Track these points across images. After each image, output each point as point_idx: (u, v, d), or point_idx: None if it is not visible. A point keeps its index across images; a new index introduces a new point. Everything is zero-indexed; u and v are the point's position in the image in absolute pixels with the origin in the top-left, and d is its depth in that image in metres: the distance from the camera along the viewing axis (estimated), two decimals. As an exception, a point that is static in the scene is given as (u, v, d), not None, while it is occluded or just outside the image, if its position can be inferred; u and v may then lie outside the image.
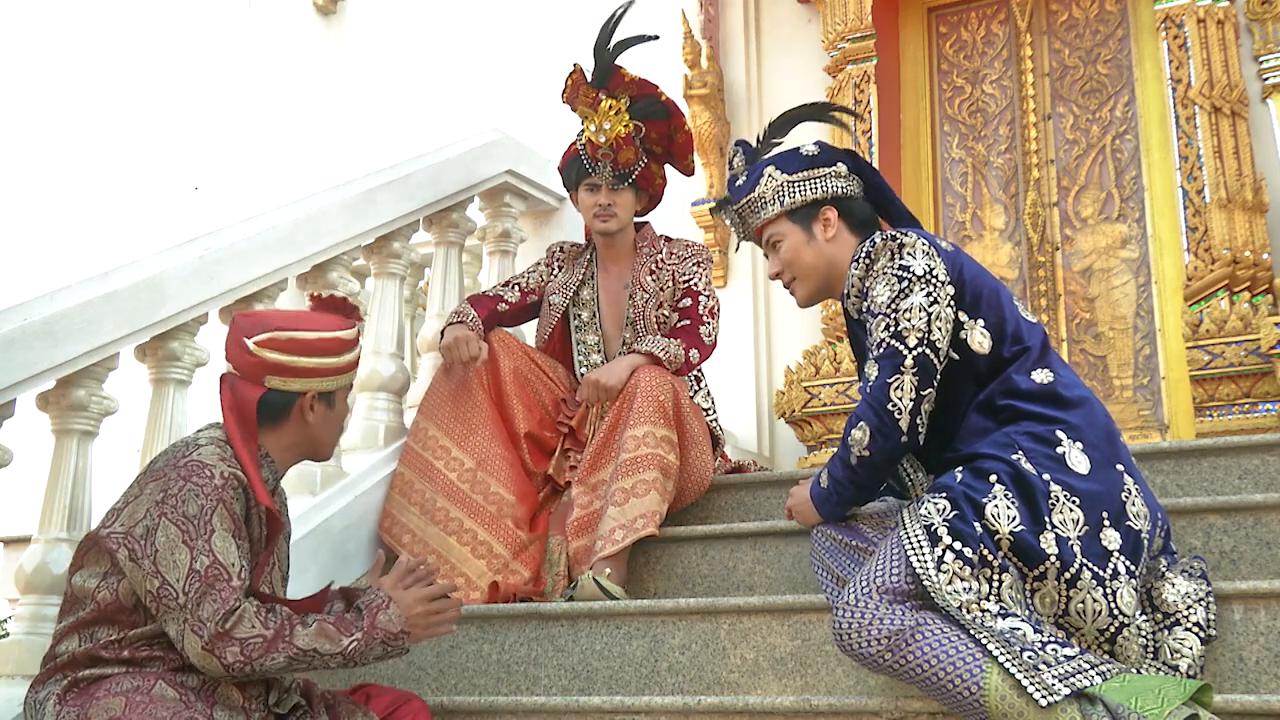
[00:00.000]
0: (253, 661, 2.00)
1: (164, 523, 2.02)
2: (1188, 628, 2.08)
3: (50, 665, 2.06)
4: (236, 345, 2.22)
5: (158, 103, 6.62)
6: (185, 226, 4.29)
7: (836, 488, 2.35)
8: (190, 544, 2.01)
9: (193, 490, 2.04)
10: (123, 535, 2.05)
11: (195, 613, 1.98)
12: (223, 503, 2.06)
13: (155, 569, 2.00)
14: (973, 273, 2.30)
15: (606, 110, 3.33)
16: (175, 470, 2.07)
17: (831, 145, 2.56)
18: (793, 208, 2.49)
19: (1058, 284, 4.66)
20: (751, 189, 2.54)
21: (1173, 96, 4.29)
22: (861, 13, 4.81)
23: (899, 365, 2.19)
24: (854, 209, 2.50)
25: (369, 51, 6.25)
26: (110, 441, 3.00)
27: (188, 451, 2.11)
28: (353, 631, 2.11)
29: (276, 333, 2.21)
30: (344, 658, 2.09)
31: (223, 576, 2.01)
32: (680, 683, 2.51)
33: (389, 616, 2.15)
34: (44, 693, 2.03)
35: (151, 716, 1.94)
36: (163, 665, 2.03)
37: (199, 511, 2.03)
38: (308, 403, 2.25)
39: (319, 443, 2.32)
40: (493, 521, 3.11)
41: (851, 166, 2.53)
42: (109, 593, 2.05)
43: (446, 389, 3.24)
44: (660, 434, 3.02)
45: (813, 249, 2.48)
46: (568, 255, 3.56)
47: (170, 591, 1.99)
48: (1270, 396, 3.88)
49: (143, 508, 2.06)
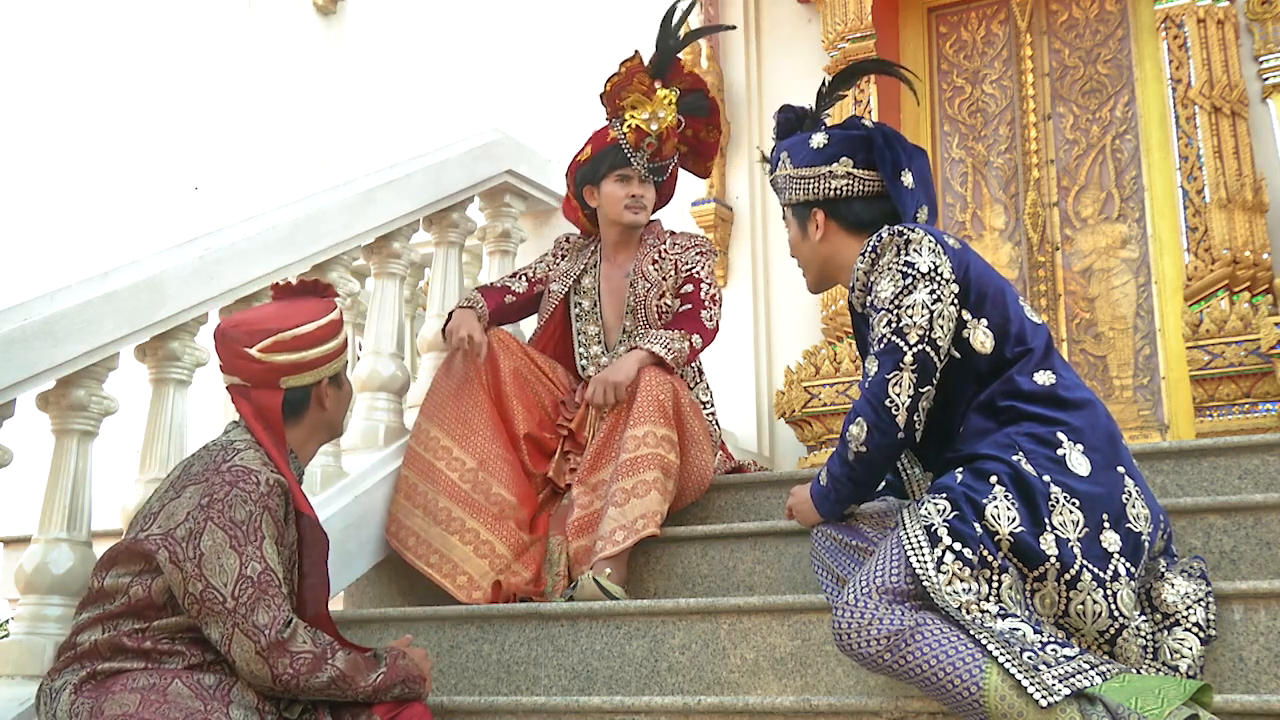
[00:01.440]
0: (300, 676, 2.04)
1: (210, 527, 2.04)
2: (1187, 628, 2.07)
3: (68, 655, 2.08)
4: (237, 357, 2.23)
5: (158, 103, 6.62)
6: (185, 226, 4.29)
7: (835, 485, 2.35)
8: (239, 550, 2.03)
9: (240, 496, 2.07)
10: (162, 537, 2.06)
11: (249, 618, 2.01)
12: (268, 509, 2.09)
13: (199, 572, 2.02)
14: (978, 271, 2.29)
15: (661, 99, 3.33)
16: (219, 475, 2.09)
17: (846, 134, 2.47)
18: (791, 202, 2.52)
19: (1058, 284, 4.66)
20: (773, 169, 2.58)
21: (1173, 96, 4.29)
22: (861, 13, 4.81)
23: (899, 362, 2.19)
24: (846, 211, 2.44)
25: (369, 51, 6.25)
26: (110, 441, 3.00)
27: (228, 456, 2.13)
28: (378, 668, 2.18)
29: (279, 335, 2.23)
30: (371, 689, 2.15)
31: (274, 583, 2.05)
32: (680, 683, 2.51)
33: (408, 663, 2.24)
34: (60, 681, 2.05)
35: (164, 716, 1.95)
36: (181, 662, 2.05)
37: (247, 517, 2.06)
38: (323, 390, 2.32)
39: (335, 423, 2.41)
40: (495, 521, 3.11)
41: (863, 158, 2.43)
42: (142, 589, 2.07)
43: (448, 389, 3.25)
44: (660, 433, 3.02)
45: (807, 245, 2.51)
46: (573, 245, 3.58)
47: (216, 595, 2.01)
48: (1270, 396, 3.88)
49: (183, 510, 2.07)
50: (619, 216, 3.38)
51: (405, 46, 6.11)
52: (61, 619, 2.54)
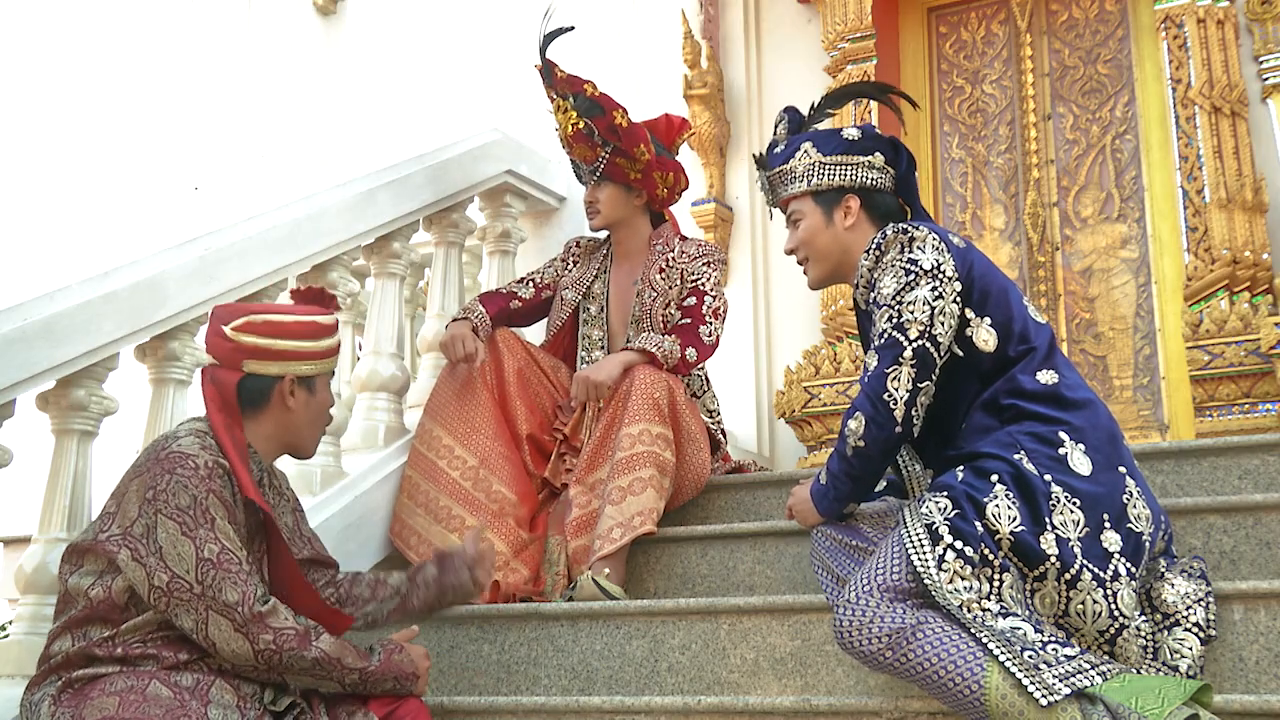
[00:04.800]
0: (283, 651, 2.03)
1: (160, 519, 2.03)
2: (1187, 628, 2.08)
3: (45, 667, 2.06)
4: (214, 334, 2.25)
5: (158, 103, 6.62)
6: (185, 226, 4.29)
7: (834, 482, 2.35)
8: (191, 535, 2.03)
9: (179, 482, 2.05)
10: (121, 536, 2.05)
11: (218, 598, 2.00)
12: (212, 491, 2.07)
13: (162, 564, 2.01)
14: (982, 270, 2.30)
15: (556, 110, 3.36)
16: (158, 464, 2.08)
17: (878, 132, 2.53)
18: (818, 189, 2.48)
19: (1058, 284, 4.66)
20: (785, 160, 2.54)
21: (1173, 96, 4.29)
22: (861, 13, 4.81)
23: (898, 356, 2.20)
24: (879, 201, 2.48)
25: (369, 51, 6.25)
26: (110, 441, 3.00)
27: (167, 444, 2.12)
28: (371, 658, 2.17)
29: (252, 317, 2.25)
30: (361, 676, 2.14)
31: (235, 561, 2.04)
32: (680, 683, 2.51)
33: (403, 658, 2.22)
34: (39, 694, 2.03)
35: (145, 714, 1.94)
36: (157, 664, 2.03)
37: (191, 502, 2.04)
38: (287, 387, 2.27)
39: (300, 432, 2.32)
40: (495, 519, 3.11)
41: (889, 158, 2.50)
42: (102, 590, 2.05)
43: (451, 389, 3.25)
44: (656, 431, 3.02)
45: (829, 234, 2.47)
46: (584, 250, 3.58)
47: (182, 584, 2.00)
48: (1270, 396, 3.88)
49: (133, 506, 2.06)
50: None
51: (405, 47, 6.11)
52: (61, 619, 2.54)
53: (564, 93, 3.34)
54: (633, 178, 3.38)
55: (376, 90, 6.10)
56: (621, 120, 3.31)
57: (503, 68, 5.66)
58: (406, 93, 5.96)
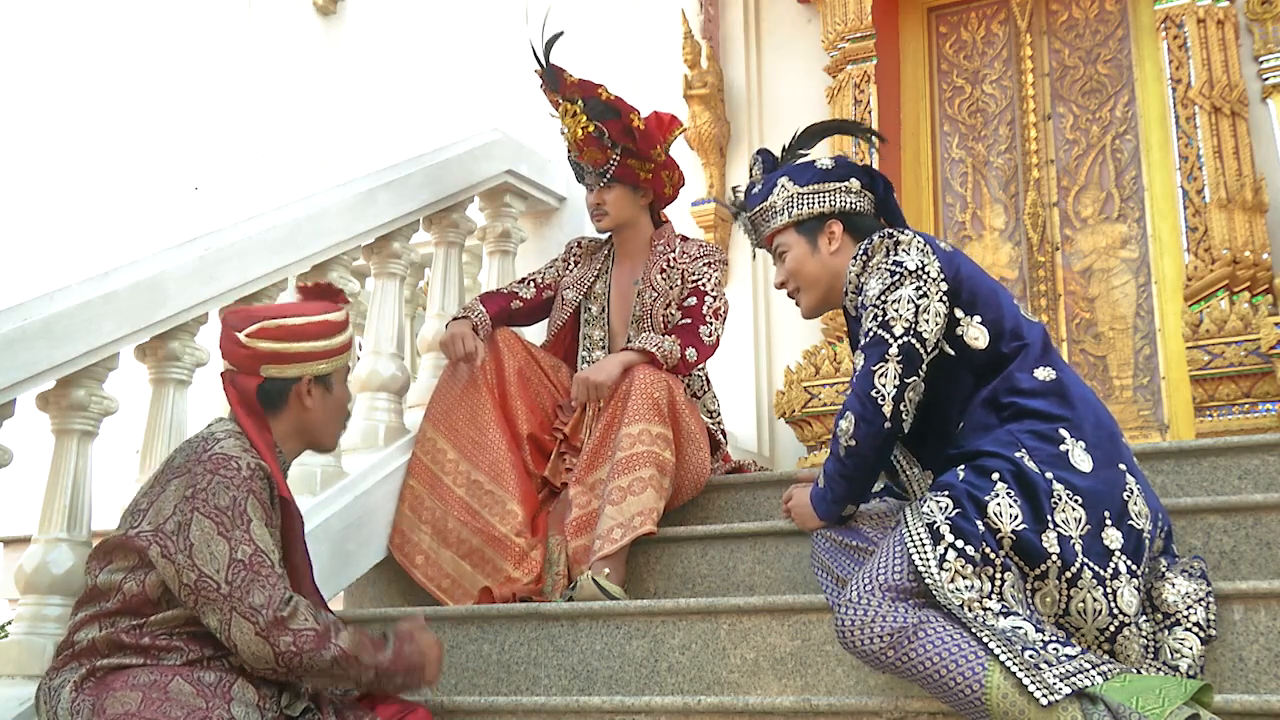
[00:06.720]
0: (303, 653, 2.04)
1: (196, 517, 2.05)
2: (1188, 628, 2.08)
3: (67, 653, 2.08)
4: (229, 341, 2.27)
5: (158, 103, 6.62)
6: (185, 226, 4.29)
7: (829, 484, 2.37)
8: (227, 535, 2.05)
9: (222, 482, 2.07)
10: (152, 532, 2.07)
11: (245, 600, 2.02)
12: (253, 493, 2.09)
13: (191, 562, 2.03)
14: (970, 272, 2.33)
15: (565, 111, 3.35)
16: (200, 465, 2.10)
17: (850, 160, 2.59)
18: (800, 219, 2.52)
19: (1058, 284, 4.66)
20: (764, 198, 2.58)
21: (1173, 96, 4.29)
22: (861, 13, 4.81)
23: (884, 354, 2.22)
24: (861, 224, 2.51)
25: (369, 52, 6.25)
26: (110, 441, 3.00)
27: (208, 446, 2.14)
28: (384, 650, 2.19)
29: (266, 322, 2.27)
30: (376, 672, 2.16)
31: (267, 564, 2.06)
32: (680, 683, 2.51)
33: (414, 649, 2.24)
34: (59, 679, 2.05)
35: (166, 714, 1.95)
36: (181, 658, 2.05)
37: (231, 503, 2.07)
38: (304, 387, 2.30)
39: (319, 429, 2.37)
40: (503, 543, 3.09)
41: (865, 183, 2.55)
42: (136, 585, 2.07)
43: (452, 393, 3.24)
44: (655, 431, 3.02)
45: (816, 261, 2.50)
46: (586, 250, 3.58)
47: (210, 583, 2.02)
48: (1270, 396, 3.89)
49: (170, 503, 2.08)
50: (593, 223, 3.46)
51: (405, 47, 6.11)
52: (61, 619, 2.53)
53: (573, 97, 3.33)
54: (643, 178, 3.40)
55: (376, 90, 6.10)
56: (638, 123, 3.33)
57: (503, 68, 5.66)
58: (406, 93, 5.96)
